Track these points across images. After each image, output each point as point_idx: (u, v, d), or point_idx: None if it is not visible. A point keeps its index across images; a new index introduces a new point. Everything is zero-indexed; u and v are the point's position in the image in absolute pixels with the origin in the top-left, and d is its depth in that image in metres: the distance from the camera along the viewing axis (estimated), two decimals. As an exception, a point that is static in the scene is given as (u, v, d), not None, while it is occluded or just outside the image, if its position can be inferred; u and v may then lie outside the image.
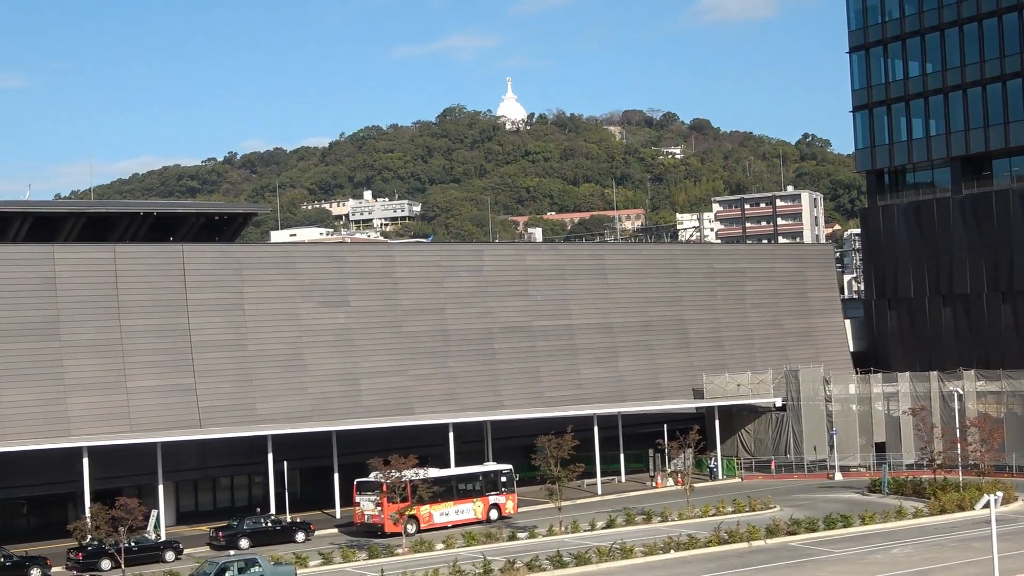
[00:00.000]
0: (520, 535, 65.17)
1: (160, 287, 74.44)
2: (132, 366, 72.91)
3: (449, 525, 69.28)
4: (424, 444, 74.57)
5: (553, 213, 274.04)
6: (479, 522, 70.57)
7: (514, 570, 53.67)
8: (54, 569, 58.03)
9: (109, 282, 73.05)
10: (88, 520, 57.00)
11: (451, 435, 75.48)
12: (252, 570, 53.23)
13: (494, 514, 71.92)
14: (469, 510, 71.35)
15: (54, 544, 65.30)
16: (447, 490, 70.55)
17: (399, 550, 61.01)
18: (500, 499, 72.60)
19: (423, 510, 68.30)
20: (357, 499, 69.04)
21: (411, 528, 66.29)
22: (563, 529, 65.67)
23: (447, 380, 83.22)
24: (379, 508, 67.18)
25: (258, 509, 71.54)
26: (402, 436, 74.99)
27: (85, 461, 62.87)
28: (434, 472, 69.40)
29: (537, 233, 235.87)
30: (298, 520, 69.65)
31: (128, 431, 71.16)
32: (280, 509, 72.22)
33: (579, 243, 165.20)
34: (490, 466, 74.70)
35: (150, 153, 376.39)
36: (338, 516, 73.82)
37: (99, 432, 69.96)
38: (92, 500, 61.51)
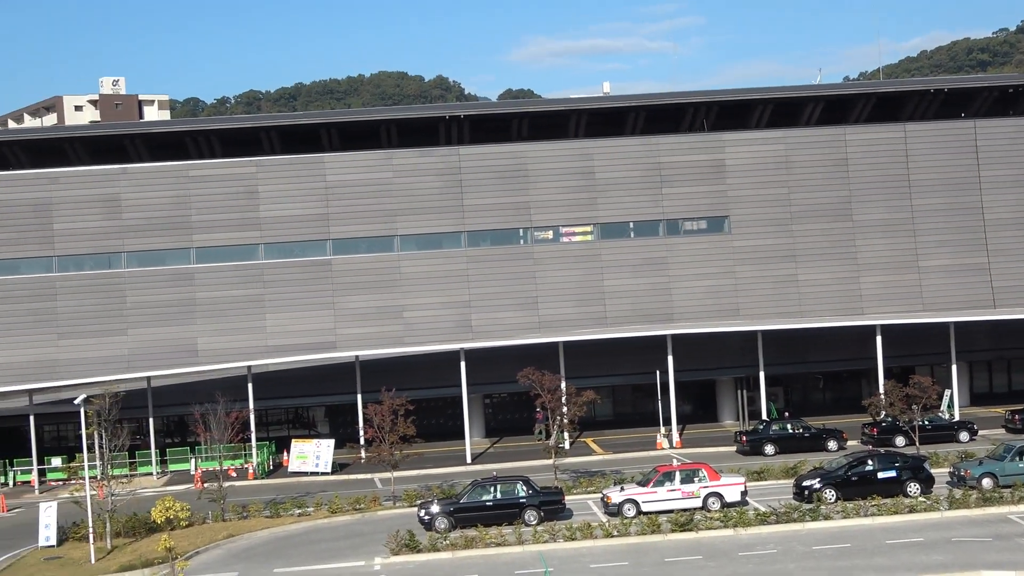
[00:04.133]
0: None
1: (951, 164, 73.31)
2: (923, 245, 72.90)
3: None
4: None
5: None
6: None
7: None
8: (849, 443, 59.96)
9: (899, 161, 73.32)
10: (882, 397, 58.11)
11: None
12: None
13: None
14: None
15: (847, 418, 67.47)
16: None
17: None
18: None
19: None
20: None
21: None
22: None
23: None
24: None
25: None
26: None
27: (878, 339, 64.01)
28: None
29: None
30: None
31: (920, 310, 71.41)
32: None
33: None
34: None
35: (940, 28, 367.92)
36: None
37: (891, 311, 70.98)
38: (885, 377, 62.61)
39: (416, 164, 71.85)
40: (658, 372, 64.68)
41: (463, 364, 61.77)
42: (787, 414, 68.14)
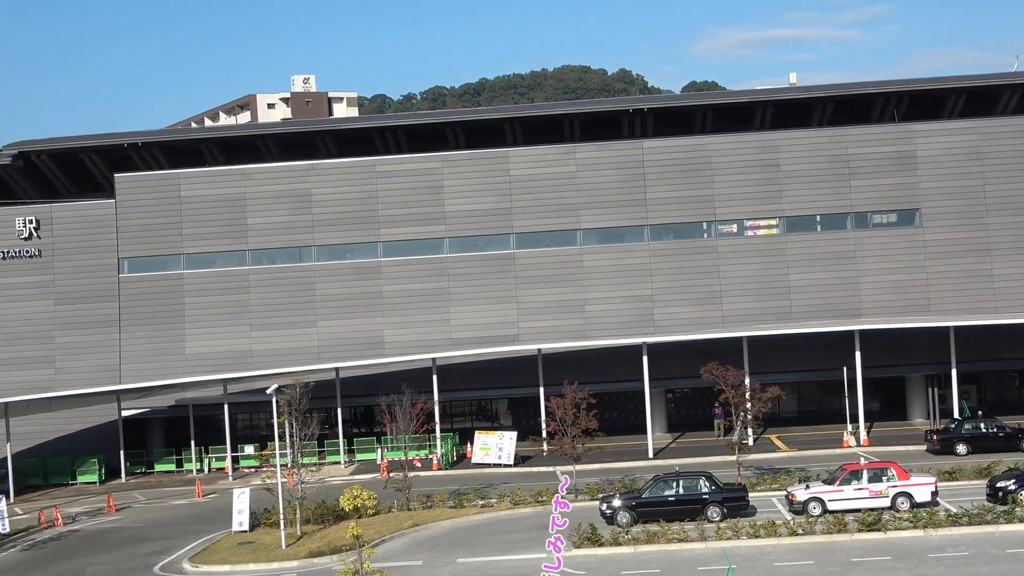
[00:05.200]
0: None
1: None
2: None
3: None
4: None
5: None
6: None
7: None
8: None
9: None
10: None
11: None
12: None
13: None
14: None
15: (1047, 418, 65.06)
16: None
17: None
18: None
19: None
20: None
21: None
22: None
23: None
24: None
25: None
26: None
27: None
28: None
29: None
30: None
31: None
32: None
33: None
34: None
35: None
36: None
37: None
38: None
39: (599, 158, 71.87)
40: (844, 368, 63.32)
41: (645, 358, 61.55)
42: (980, 413, 65.96)
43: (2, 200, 75.22)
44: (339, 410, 67.21)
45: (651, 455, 61.54)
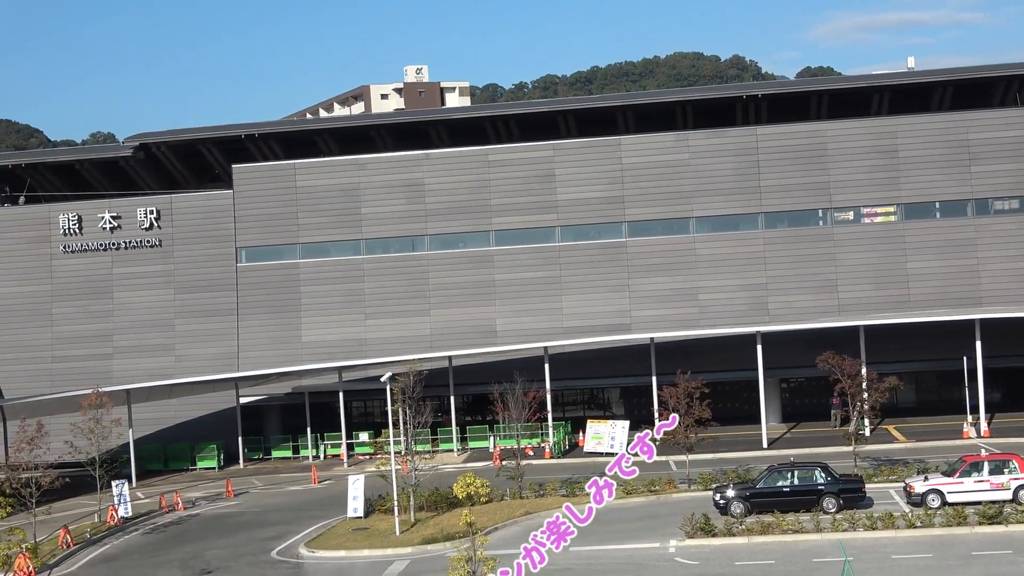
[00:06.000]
0: None
1: None
2: None
3: None
4: None
5: None
6: None
7: None
8: None
9: None
10: None
11: None
12: None
13: None
14: None
15: None
16: None
17: None
18: None
19: None
20: None
21: None
22: None
23: None
24: None
25: None
26: None
27: None
28: None
29: None
30: None
31: None
32: None
33: None
34: None
35: None
36: None
37: None
38: None
39: (712, 145, 71.21)
40: (964, 358, 61.94)
41: (759, 347, 60.89)
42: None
43: (124, 191, 77.07)
44: (452, 398, 67.64)
45: (765, 445, 60.90)
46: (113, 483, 53.09)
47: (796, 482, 44.22)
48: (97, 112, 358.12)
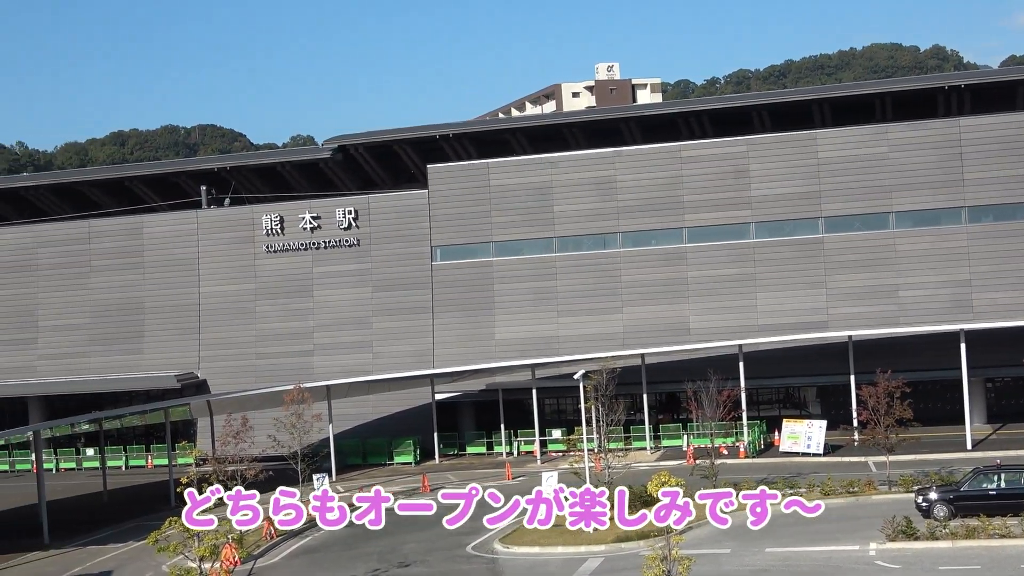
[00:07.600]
0: None
1: None
2: None
3: None
4: None
5: None
6: None
7: None
8: None
9: None
10: None
11: None
12: None
13: None
14: None
15: None
16: None
17: None
18: None
19: None
20: None
21: None
22: None
23: None
24: None
25: None
26: None
27: None
28: None
29: None
30: None
31: None
32: None
33: None
34: None
35: None
36: None
37: None
38: None
39: (912, 137, 69.13)
40: None
41: (963, 345, 58.88)
42: None
43: (324, 192, 79.15)
44: (644, 396, 67.37)
45: (969, 447, 58.90)
46: (314, 476, 54.54)
47: (1003, 485, 42.62)
48: (297, 116, 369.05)
